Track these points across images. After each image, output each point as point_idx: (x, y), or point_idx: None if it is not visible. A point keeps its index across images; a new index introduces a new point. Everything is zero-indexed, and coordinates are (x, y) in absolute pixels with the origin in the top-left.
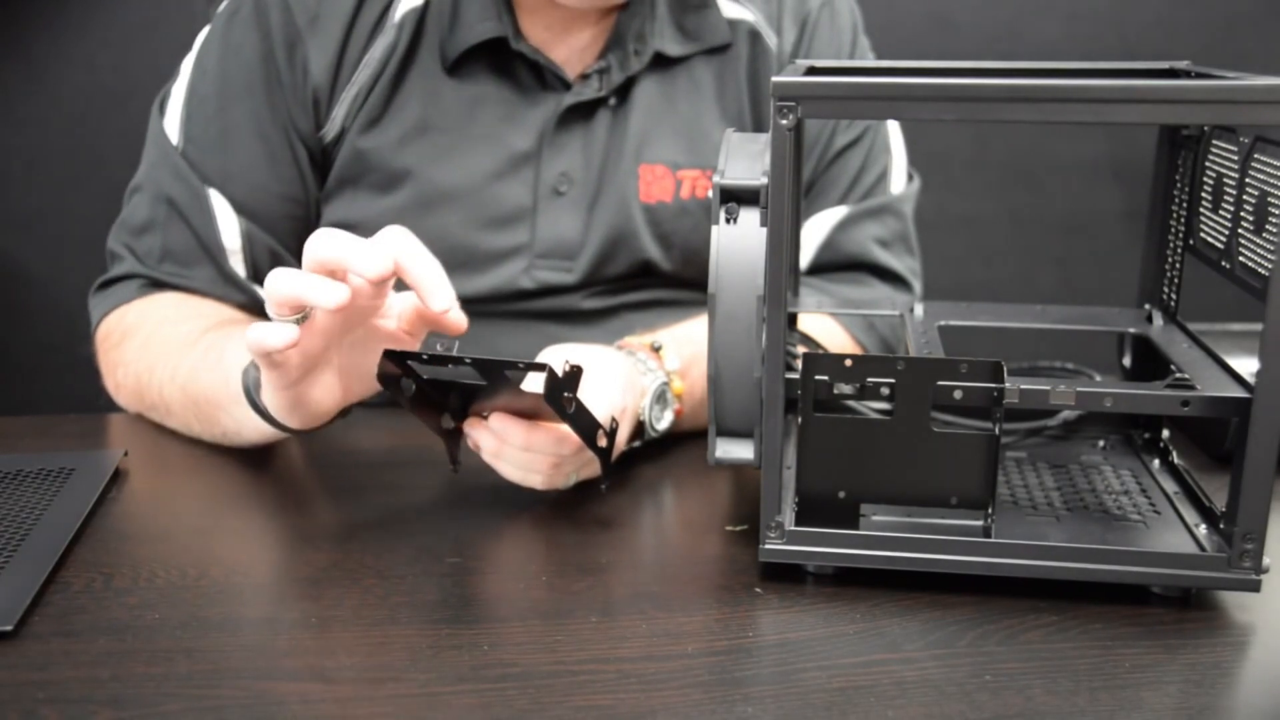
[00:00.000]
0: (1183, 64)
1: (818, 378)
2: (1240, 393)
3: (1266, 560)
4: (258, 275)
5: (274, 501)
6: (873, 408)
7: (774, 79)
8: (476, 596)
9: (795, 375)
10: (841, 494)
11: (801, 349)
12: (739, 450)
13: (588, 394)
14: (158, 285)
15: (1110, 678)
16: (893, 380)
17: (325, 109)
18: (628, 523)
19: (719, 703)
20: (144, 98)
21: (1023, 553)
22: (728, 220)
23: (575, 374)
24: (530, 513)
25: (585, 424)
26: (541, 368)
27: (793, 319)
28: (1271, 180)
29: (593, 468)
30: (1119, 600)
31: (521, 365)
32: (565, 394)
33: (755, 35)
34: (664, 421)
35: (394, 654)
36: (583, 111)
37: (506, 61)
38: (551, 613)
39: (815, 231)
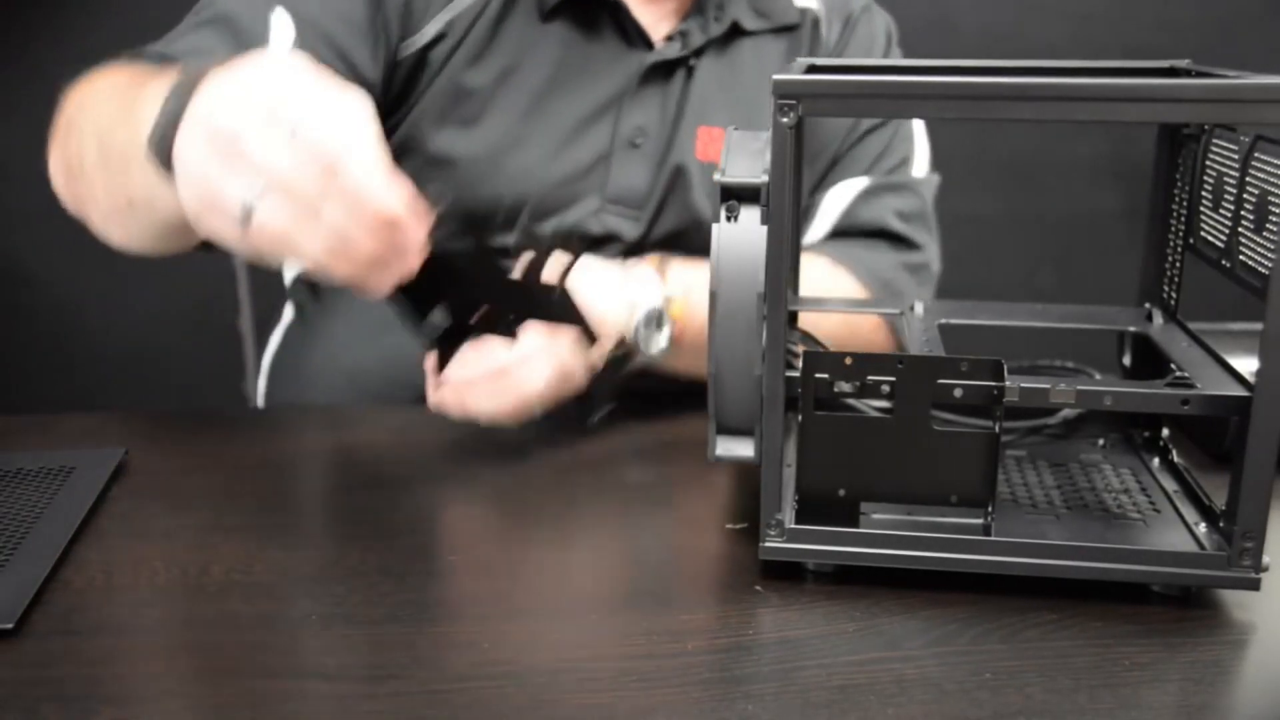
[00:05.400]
0: (1183, 63)
1: (818, 376)
2: (1240, 391)
3: (1266, 559)
4: None
5: (274, 500)
6: (873, 406)
7: (774, 77)
8: (477, 595)
9: (795, 373)
10: (841, 492)
11: (801, 348)
12: (739, 448)
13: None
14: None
15: (1110, 676)
16: (893, 378)
17: (419, 17)
18: (628, 521)
19: (719, 700)
20: None
21: (1023, 551)
22: (728, 218)
23: (565, 256)
24: (531, 511)
25: (568, 315)
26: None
27: (793, 317)
28: (1272, 179)
29: (569, 383)
30: (1118, 598)
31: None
32: (544, 281)
33: (816, 23)
34: (656, 345)
35: (394, 652)
36: (663, 71)
37: (595, 18)
38: (552, 611)
39: (837, 200)
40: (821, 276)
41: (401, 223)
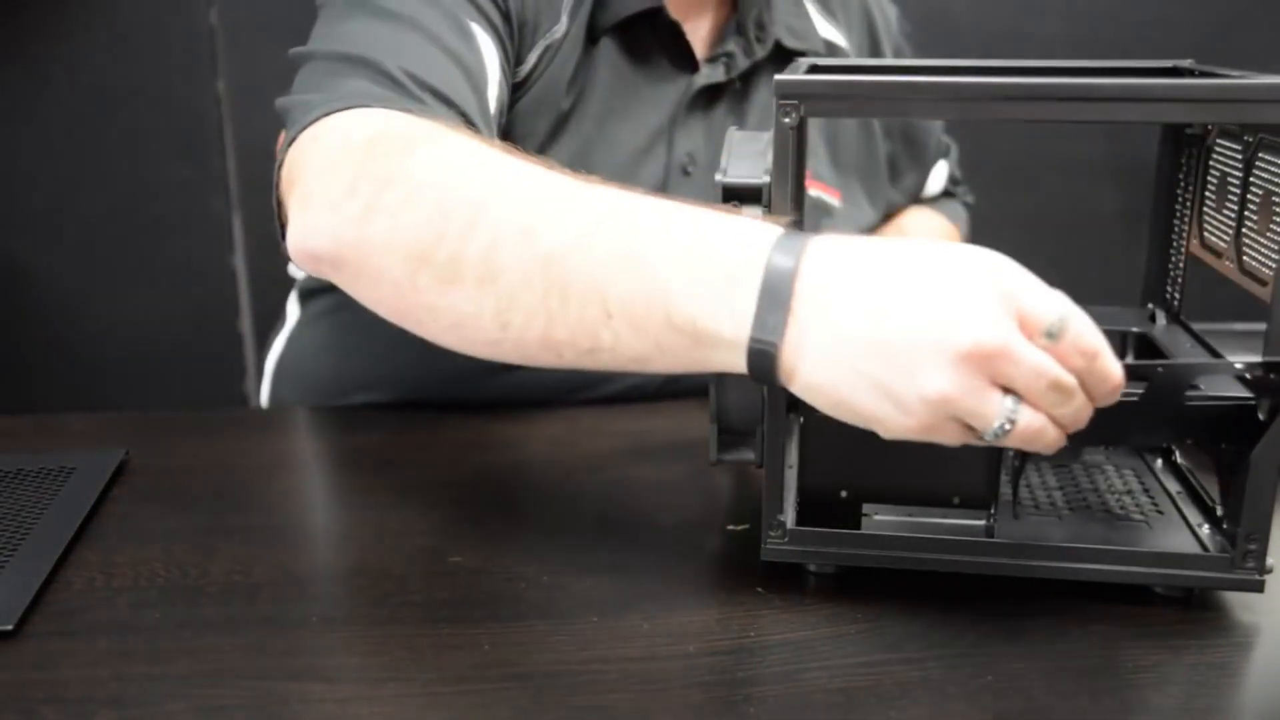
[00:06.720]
0: (1185, 62)
1: None
2: (1244, 393)
3: (1270, 560)
4: None
5: (274, 501)
6: None
7: (776, 77)
8: (477, 596)
9: None
10: (843, 493)
11: None
12: (740, 449)
13: None
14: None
15: (1113, 678)
16: None
17: (524, 47)
18: (628, 523)
19: (720, 703)
20: (144, 98)
21: (1025, 553)
22: None
23: None
24: (532, 512)
25: None
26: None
27: None
28: (1276, 179)
29: None
30: (1121, 600)
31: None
32: None
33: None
34: None
35: (395, 653)
36: (709, 95)
37: (641, 41)
38: (553, 612)
39: (940, 172)
40: (932, 225)
41: (1121, 386)
